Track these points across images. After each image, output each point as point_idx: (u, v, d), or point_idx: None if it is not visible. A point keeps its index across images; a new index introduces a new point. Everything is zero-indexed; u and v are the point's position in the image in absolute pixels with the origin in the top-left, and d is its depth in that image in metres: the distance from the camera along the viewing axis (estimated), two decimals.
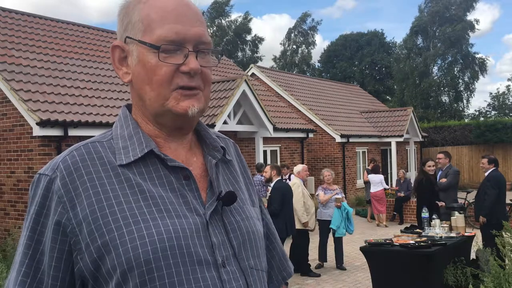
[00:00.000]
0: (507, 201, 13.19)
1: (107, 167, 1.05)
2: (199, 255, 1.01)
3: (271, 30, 71.16)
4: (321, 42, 73.41)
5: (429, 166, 8.66)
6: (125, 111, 1.16)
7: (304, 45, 45.53)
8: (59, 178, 1.02)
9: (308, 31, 45.34)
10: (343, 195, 8.97)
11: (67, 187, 1.02)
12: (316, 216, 9.06)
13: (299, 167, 8.65)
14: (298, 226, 8.01)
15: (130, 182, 1.04)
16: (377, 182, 13.38)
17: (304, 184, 8.71)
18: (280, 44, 46.08)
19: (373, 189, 13.43)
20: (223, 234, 1.07)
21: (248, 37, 43.88)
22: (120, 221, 0.99)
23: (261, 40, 44.40)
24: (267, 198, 8.05)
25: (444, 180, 8.84)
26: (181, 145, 1.14)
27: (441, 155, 9.39)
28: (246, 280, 1.07)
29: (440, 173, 9.18)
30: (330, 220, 8.61)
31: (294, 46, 45.47)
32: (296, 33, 45.48)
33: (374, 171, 13.90)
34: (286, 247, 8.39)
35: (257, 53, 44.38)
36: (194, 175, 1.10)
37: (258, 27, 71.26)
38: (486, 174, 8.21)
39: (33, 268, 1.02)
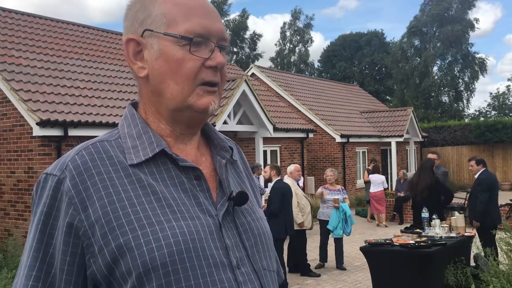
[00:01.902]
0: (507, 201, 13.28)
1: (117, 167, 1.03)
2: (215, 257, 1.00)
3: (273, 30, 71.21)
4: (323, 42, 73.42)
5: None
6: (132, 110, 1.13)
7: (301, 44, 45.39)
8: (69, 179, 0.99)
9: (304, 29, 45.19)
10: (346, 196, 8.96)
11: (77, 187, 0.99)
12: (316, 216, 9.07)
13: (291, 168, 8.65)
14: (294, 227, 8.00)
15: (142, 183, 1.01)
16: (378, 183, 13.41)
17: (300, 184, 8.72)
18: (275, 45, 45.96)
19: (372, 189, 13.45)
20: (236, 236, 1.06)
21: (247, 35, 43.84)
22: (134, 223, 0.97)
23: (259, 36, 44.29)
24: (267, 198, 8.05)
25: None
26: (189, 146, 1.13)
27: (435, 156, 9.44)
28: (260, 281, 1.06)
29: None
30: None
31: (291, 46, 45.32)
32: (292, 31, 45.31)
33: (375, 171, 13.93)
34: (285, 247, 8.39)
35: (255, 51, 44.31)
36: (204, 175, 1.09)
37: (259, 27, 71.23)
38: (476, 176, 8.16)
39: (43, 271, 0.98)
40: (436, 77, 37.67)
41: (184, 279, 0.96)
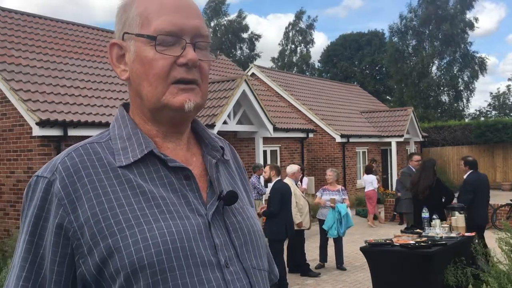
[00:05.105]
0: (507, 201, 13.26)
1: (107, 169, 1.04)
2: (203, 257, 1.01)
3: (276, 30, 71.12)
4: (325, 42, 73.36)
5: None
6: (122, 111, 1.15)
7: (302, 44, 45.38)
8: (59, 180, 1.00)
9: (306, 30, 45.18)
10: (346, 197, 8.94)
11: (67, 189, 1.00)
12: (316, 216, 9.06)
13: (294, 168, 8.57)
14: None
15: (131, 184, 1.02)
16: (368, 182, 13.72)
17: (304, 185, 8.72)
18: (279, 44, 45.93)
19: (366, 189, 13.85)
20: (225, 235, 1.07)
21: (245, 35, 43.78)
22: (122, 224, 0.98)
23: (258, 37, 44.27)
24: (266, 199, 8.03)
25: None
26: (179, 145, 1.13)
27: (419, 157, 9.89)
28: (250, 280, 1.06)
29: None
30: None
31: (293, 46, 45.32)
32: (294, 32, 45.29)
33: (366, 171, 14.18)
34: (285, 248, 8.38)
35: (254, 51, 44.27)
36: (194, 174, 1.09)
37: (263, 27, 71.06)
38: (464, 177, 8.28)
39: (34, 272, 0.99)
40: (435, 77, 37.58)
41: (171, 279, 0.96)
